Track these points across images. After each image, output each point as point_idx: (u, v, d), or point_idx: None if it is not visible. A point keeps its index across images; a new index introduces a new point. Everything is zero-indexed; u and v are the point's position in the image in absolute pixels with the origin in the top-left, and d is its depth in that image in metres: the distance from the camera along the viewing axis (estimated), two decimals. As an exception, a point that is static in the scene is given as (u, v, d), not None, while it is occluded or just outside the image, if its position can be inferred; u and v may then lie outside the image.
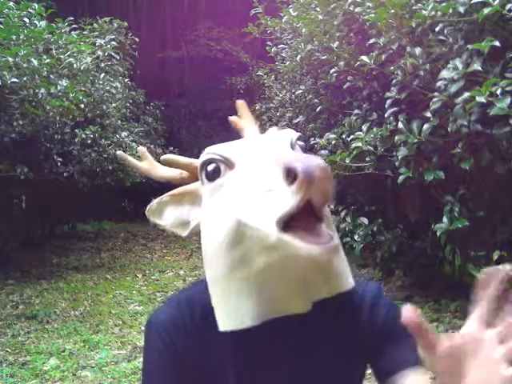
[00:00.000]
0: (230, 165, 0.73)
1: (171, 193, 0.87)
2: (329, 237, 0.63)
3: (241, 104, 0.98)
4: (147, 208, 0.87)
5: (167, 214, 0.86)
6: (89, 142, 5.30)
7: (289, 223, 0.62)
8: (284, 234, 0.62)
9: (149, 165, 0.93)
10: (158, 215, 0.86)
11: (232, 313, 0.73)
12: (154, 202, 0.87)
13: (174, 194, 0.87)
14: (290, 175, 0.60)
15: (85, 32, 5.77)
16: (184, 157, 0.90)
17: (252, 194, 0.67)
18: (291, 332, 0.77)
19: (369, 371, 0.87)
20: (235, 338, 0.74)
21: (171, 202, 0.87)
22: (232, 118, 0.97)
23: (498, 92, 2.31)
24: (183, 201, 0.85)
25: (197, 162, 0.80)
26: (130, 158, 0.97)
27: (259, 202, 0.65)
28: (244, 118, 0.97)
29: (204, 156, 0.77)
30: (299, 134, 0.80)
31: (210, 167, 0.75)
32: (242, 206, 0.67)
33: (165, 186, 0.92)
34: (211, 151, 0.76)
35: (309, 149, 0.82)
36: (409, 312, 0.50)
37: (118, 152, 1.03)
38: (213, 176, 0.75)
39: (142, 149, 0.95)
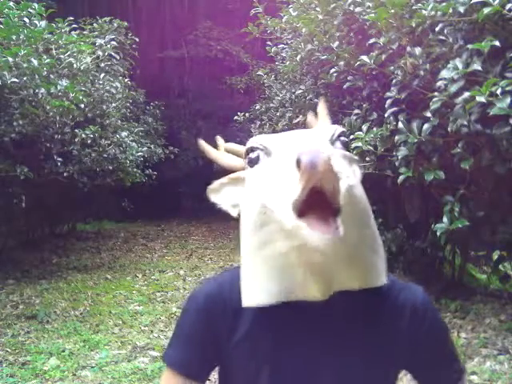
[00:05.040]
0: (268, 153, 0.79)
1: (230, 176, 0.95)
2: (335, 228, 0.66)
3: (321, 106, 1.05)
4: (209, 186, 0.93)
5: (223, 195, 0.93)
6: (89, 141, 5.28)
7: (307, 212, 0.67)
8: (298, 220, 0.67)
9: (220, 153, 1.03)
10: (217, 194, 0.93)
11: (254, 289, 0.79)
12: (216, 182, 0.94)
13: (231, 177, 0.94)
14: (299, 166, 0.65)
15: (85, 32, 5.77)
16: (241, 146, 0.98)
17: (278, 181, 0.72)
18: (317, 317, 0.81)
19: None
20: (263, 317, 0.81)
21: (228, 184, 0.93)
22: (309, 119, 1.06)
23: (498, 92, 2.31)
24: (237, 184, 0.91)
25: None
26: (208, 147, 1.04)
27: (282, 189, 0.70)
28: (320, 120, 1.04)
29: (248, 144, 0.84)
30: (342, 130, 0.86)
31: (252, 155, 0.82)
32: (269, 192, 0.73)
33: (164, 185, 0.92)
34: (254, 140, 0.83)
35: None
36: None
37: (200, 141, 1.06)
38: (253, 162, 0.81)
39: (219, 138, 1.05)
